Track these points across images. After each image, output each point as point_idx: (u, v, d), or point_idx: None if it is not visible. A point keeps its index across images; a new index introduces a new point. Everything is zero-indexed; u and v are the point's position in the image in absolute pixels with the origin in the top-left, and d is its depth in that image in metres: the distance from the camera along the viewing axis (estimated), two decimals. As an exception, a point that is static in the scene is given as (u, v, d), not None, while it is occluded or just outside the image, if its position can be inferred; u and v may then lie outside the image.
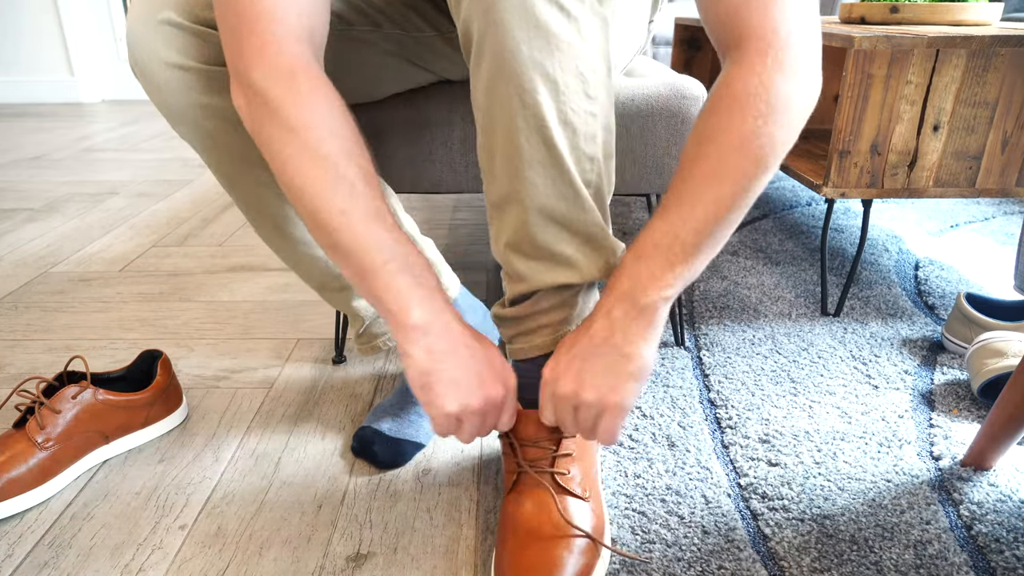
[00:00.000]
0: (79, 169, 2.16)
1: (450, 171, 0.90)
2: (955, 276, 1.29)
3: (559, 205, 0.58)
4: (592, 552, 0.61)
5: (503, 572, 0.60)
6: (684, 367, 0.97)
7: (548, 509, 0.62)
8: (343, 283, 0.78)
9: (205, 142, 0.67)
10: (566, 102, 0.54)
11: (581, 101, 0.55)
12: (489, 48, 0.52)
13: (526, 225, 0.59)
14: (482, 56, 0.53)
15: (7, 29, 3.37)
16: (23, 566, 0.65)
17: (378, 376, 0.97)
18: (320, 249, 0.73)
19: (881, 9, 1.18)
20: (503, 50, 0.51)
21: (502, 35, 0.51)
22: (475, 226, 1.61)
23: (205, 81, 0.64)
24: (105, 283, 1.29)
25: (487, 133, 0.57)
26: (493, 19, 0.51)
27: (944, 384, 0.93)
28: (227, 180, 0.71)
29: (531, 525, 0.62)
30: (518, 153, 0.56)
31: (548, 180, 0.57)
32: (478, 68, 0.54)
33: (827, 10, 2.48)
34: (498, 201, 0.60)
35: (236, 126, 0.66)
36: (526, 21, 0.50)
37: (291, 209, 0.72)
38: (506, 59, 0.52)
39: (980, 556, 0.65)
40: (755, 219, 1.59)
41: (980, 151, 1.02)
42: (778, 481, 0.75)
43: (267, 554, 0.66)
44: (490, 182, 0.60)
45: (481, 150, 0.59)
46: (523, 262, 0.62)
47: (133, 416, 0.80)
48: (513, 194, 0.58)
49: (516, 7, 0.50)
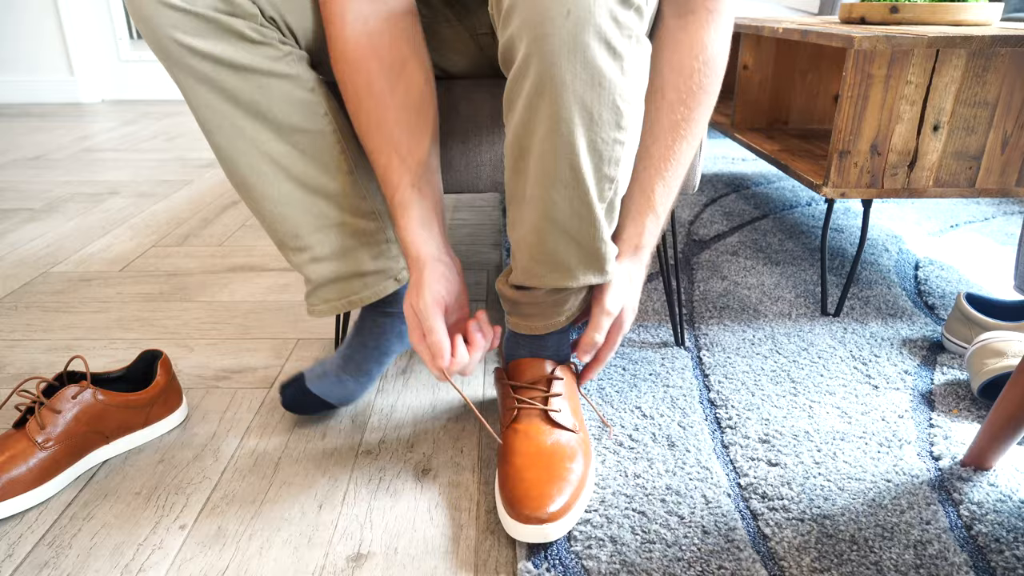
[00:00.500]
0: (79, 169, 2.16)
1: (449, 171, 0.90)
2: (955, 276, 1.29)
3: (572, 221, 0.65)
4: (583, 471, 0.70)
5: (508, 491, 0.67)
6: (684, 367, 0.97)
7: (544, 436, 0.72)
8: (300, 244, 0.78)
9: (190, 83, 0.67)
10: (598, 132, 0.59)
11: (612, 131, 0.60)
12: (535, 71, 0.56)
13: (539, 230, 0.66)
14: (526, 75, 0.57)
15: (7, 29, 3.37)
16: (23, 566, 0.65)
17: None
18: (286, 208, 0.75)
19: (881, 9, 1.18)
20: (549, 78, 0.56)
21: (549, 65, 0.55)
22: (475, 226, 1.61)
23: (193, 24, 0.64)
24: (105, 283, 1.29)
25: (520, 137, 0.61)
26: (543, 48, 0.54)
27: (944, 384, 0.93)
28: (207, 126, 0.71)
29: (530, 450, 0.71)
30: (545, 170, 0.61)
31: (567, 200, 0.63)
32: (519, 83, 0.58)
33: (827, 10, 2.48)
34: (518, 198, 0.65)
35: (223, 71, 0.66)
36: (575, 57, 0.54)
37: (266, 165, 0.73)
38: (549, 87, 0.56)
39: (980, 556, 0.65)
40: (755, 219, 1.60)
41: (980, 151, 1.02)
42: (778, 481, 0.75)
43: (267, 554, 0.66)
44: (515, 178, 0.65)
45: (510, 147, 0.63)
46: (529, 259, 0.69)
47: (133, 416, 0.80)
48: (534, 200, 0.64)
49: (567, 43, 0.53)
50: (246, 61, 0.67)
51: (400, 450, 0.82)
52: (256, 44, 0.67)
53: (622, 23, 0.55)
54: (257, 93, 0.68)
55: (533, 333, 0.77)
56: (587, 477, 0.71)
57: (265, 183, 0.73)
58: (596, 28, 0.53)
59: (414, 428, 0.86)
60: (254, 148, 0.71)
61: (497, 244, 1.49)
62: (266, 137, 0.71)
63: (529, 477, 0.68)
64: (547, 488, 0.66)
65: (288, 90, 0.70)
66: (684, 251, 1.41)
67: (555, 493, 0.66)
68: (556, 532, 0.65)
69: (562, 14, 0.52)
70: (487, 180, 0.91)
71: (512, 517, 0.65)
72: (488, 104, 0.87)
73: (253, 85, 0.68)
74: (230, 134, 0.70)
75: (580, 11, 0.52)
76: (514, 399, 0.76)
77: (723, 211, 1.65)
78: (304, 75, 0.71)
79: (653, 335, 1.07)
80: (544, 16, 0.53)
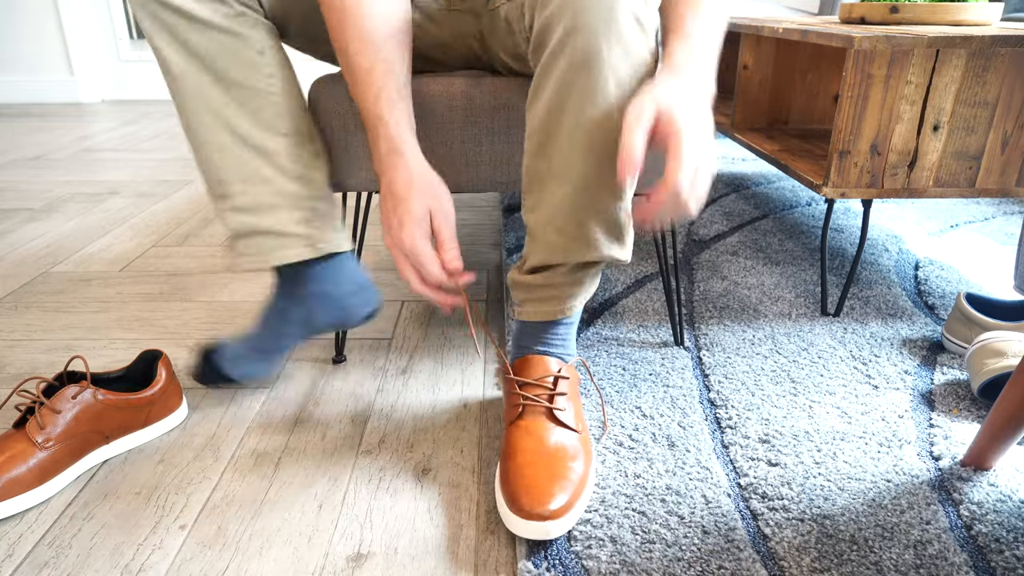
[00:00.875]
0: (79, 169, 2.16)
1: (450, 169, 0.90)
2: (955, 276, 1.29)
3: (601, 192, 0.68)
4: (584, 471, 0.71)
5: (510, 487, 0.68)
6: (684, 367, 0.97)
7: (547, 434, 0.73)
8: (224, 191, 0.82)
9: (155, 28, 0.75)
10: (627, 98, 0.63)
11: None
12: (572, 46, 0.61)
13: (568, 203, 0.69)
14: (562, 52, 0.62)
15: (7, 29, 3.37)
16: (23, 566, 0.65)
17: (378, 375, 0.97)
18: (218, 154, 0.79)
19: (881, 9, 1.18)
20: (587, 51, 0.61)
21: (588, 37, 0.60)
22: (475, 226, 1.61)
23: None
24: (105, 283, 1.29)
25: (552, 114, 0.65)
26: (582, 22, 0.60)
27: (944, 384, 0.93)
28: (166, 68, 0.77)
29: (532, 447, 0.71)
30: (579, 142, 0.64)
31: (598, 168, 0.66)
32: (554, 61, 0.63)
33: (827, 10, 2.48)
34: (543, 175, 0.68)
35: (181, 20, 0.74)
36: (611, 30, 0.61)
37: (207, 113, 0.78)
38: (588, 59, 0.61)
39: (980, 556, 0.65)
40: (755, 219, 1.60)
41: (980, 151, 1.02)
42: (778, 481, 0.75)
43: (267, 554, 0.66)
44: (538, 156, 0.68)
45: (539, 126, 0.67)
46: (556, 234, 0.72)
47: (133, 416, 0.80)
48: (564, 173, 0.66)
49: (604, 18, 0.60)
50: (203, 15, 0.74)
51: (400, 450, 0.82)
52: (215, 1, 0.74)
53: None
54: (209, 45, 0.75)
55: (546, 319, 0.79)
56: (588, 477, 0.71)
57: (204, 128, 0.79)
58: (628, 4, 0.60)
59: (414, 428, 0.86)
60: (200, 95, 0.77)
61: (497, 244, 1.49)
62: (209, 84, 0.77)
63: (531, 474, 0.68)
64: (549, 486, 0.67)
65: (237, 48, 0.76)
66: (684, 251, 1.41)
67: (557, 491, 0.67)
68: (557, 530, 0.65)
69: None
70: (487, 180, 0.91)
71: (514, 513, 0.66)
72: (488, 103, 0.87)
73: (206, 37, 0.75)
74: (181, 81, 0.77)
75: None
76: (519, 395, 0.76)
77: (723, 211, 1.65)
78: (256, 37, 0.77)
79: (653, 335, 1.07)
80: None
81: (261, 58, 0.78)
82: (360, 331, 1.10)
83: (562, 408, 0.75)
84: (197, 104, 0.77)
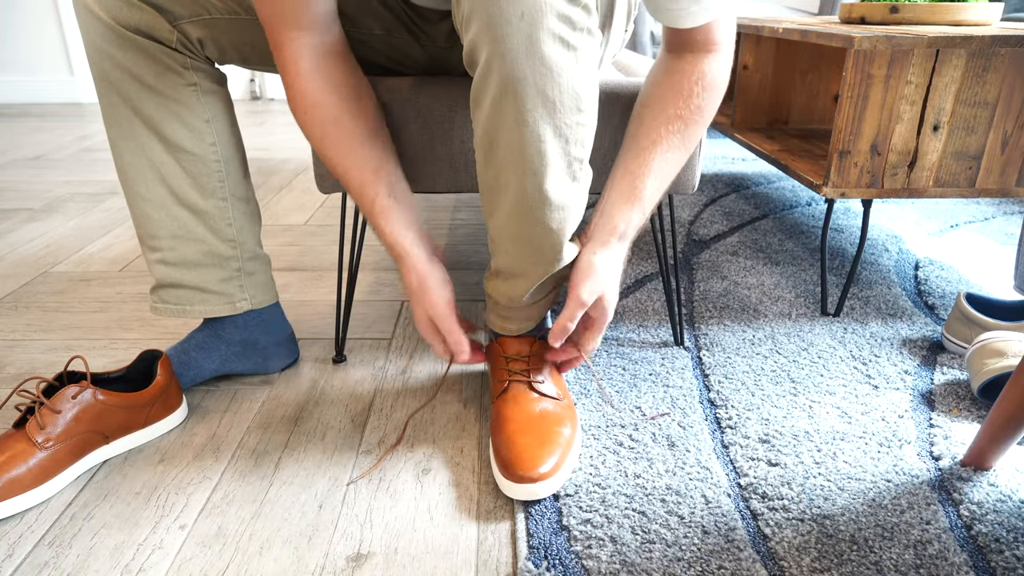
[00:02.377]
0: (79, 169, 2.16)
1: (450, 169, 0.90)
2: (955, 276, 1.29)
3: (541, 205, 0.68)
4: (571, 434, 0.77)
5: (502, 455, 0.73)
6: (684, 367, 0.97)
7: (532, 404, 0.79)
8: (155, 245, 0.86)
9: (103, 83, 0.78)
10: (561, 118, 0.63)
11: (573, 115, 0.63)
12: (496, 72, 0.60)
13: (516, 213, 0.69)
14: (489, 76, 0.61)
15: (7, 29, 3.37)
16: (23, 566, 0.65)
17: (378, 375, 0.97)
18: (153, 209, 0.84)
19: (881, 9, 1.18)
20: (510, 77, 0.59)
21: (510, 65, 0.59)
22: (475, 226, 1.61)
23: (114, 37, 0.75)
24: (105, 283, 1.29)
25: (489, 132, 0.65)
26: (501, 50, 0.58)
27: (944, 384, 0.93)
28: (107, 118, 0.81)
29: (520, 416, 0.77)
30: (516, 160, 0.64)
31: (536, 185, 0.66)
32: (484, 82, 0.62)
33: (827, 10, 2.48)
34: (491, 184, 0.69)
35: (130, 81, 0.77)
36: (531, 54, 0.58)
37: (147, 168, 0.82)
38: (511, 84, 0.60)
39: (980, 556, 0.65)
40: (755, 219, 1.60)
41: (980, 151, 1.02)
42: (778, 481, 0.75)
43: (267, 554, 0.66)
44: (484, 167, 0.68)
45: (480, 140, 0.67)
46: (511, 243, 0.72)
47: (133, 416, 0.80)
48: (507, 186, 0.67)
49: (523, 42, 0.58)
50: (151, 81, 0.78)
51: (400, 450, 0.82)
52: (166, 69, 0.78)
53: (572, 20, 0.59)
54: (156, 109, 0.79)
55: (510, 335, 0.84)
56: (574, 439, 0.77)
57: (140, 181, 0.83)
58: (548, 26, 0.58)
59: (414, 428, 0.86)
60: (141, 150, 0.81)
61: (497, 244, 1.49)
62: (154, 145, 0.81)
63: (520, 442, 0.74)
64: (538, 451, 0.73)
65: (184, 116, 0.81)
66: (684, 251, 1.41)
67: (546, 455, 0.73)
68: (545, 490, 0.71)
69: (516, 16, 0.57)
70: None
71: (507, 478, 0.72)
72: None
73: (153, 102, 0.79)
74: (124, 130, 0.80)
75: (532, 12, 0.57)
76: (506, 371, 0.83)
77: (723, 211, 1.65)
78: (201, 108, 0.82)
79: (653, 335, 1.07)
80: (500, 19, 0.57)
81: (207, 127, 0.83)
82: (360, 331, 1.10)
83: (541, 380, 0.82)
84: (138, 158, 0.81)
